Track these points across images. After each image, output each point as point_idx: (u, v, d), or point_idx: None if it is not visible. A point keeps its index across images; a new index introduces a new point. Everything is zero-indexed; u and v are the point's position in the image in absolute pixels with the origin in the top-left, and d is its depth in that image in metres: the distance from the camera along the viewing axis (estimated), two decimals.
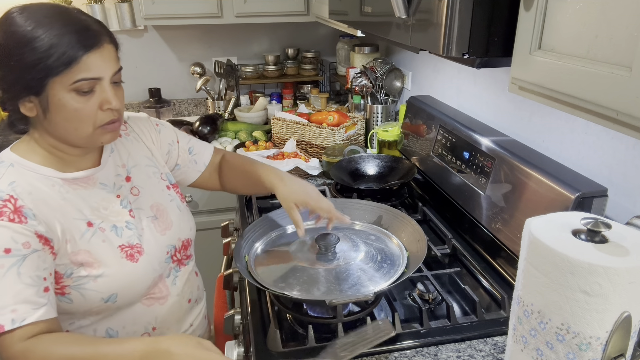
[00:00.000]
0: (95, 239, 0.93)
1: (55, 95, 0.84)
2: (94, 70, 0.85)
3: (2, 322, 0.80)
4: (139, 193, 1.04)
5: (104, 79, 0.87)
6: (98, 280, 0.92)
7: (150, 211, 1.04)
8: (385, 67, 2.10)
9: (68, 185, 0.94)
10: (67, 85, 0.83)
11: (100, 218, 0.96)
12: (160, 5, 2.17)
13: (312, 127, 1.97)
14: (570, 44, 0.70)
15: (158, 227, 1.04)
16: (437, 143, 1.54)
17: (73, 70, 0.82)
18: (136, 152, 1.08)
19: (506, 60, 0.87)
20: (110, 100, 0.88)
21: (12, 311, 0.81)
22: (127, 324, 1.00)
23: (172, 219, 1.07)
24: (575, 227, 0.67)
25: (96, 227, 0.94)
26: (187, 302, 1.11)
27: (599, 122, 0.67)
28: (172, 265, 1.07)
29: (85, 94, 0.86)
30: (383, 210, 1.23)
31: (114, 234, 0.96)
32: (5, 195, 0.85)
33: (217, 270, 1.60)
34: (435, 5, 0.90)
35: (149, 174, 1.08)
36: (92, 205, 0.95)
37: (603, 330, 0.62)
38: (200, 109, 2.71)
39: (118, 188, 1.01)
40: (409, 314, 1.09)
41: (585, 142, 1.11)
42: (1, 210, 0.83)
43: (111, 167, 1.02)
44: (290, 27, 2.67)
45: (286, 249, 1.11)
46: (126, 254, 0.96)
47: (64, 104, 0.85)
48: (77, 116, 0.87)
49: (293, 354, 0.96)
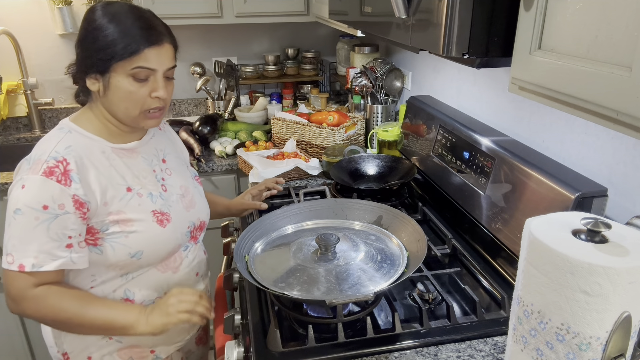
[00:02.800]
0: (132, 202, 1.07)
1: (115, 77, 1.00)
2: (151, 62, 1.00)
3: (25, 263, 0.97)
4: (172, 174, 1.20)
5: (158, 71, 1.02)
6: (130, 237, 1.06)
7: (180, 190, 1.19)
8: (385, 67, 2.10)
9: (116, 154, 1.09)
10: (127, 70, 0.99)
11: (140, 185, 1.10)
12: (160, 5, 2.17)
13: (312, 127, 1.97)
14: (570, 44, 0.70)
15: (184, 204, 1.19)
16: (437, 143, 1.54)
17: (134, 58, 0.98)
18: (170, 145, 1.26)
19: (506, 60, 0.87)
20: (159, 89, 1.03)
21: (35, 257, 0.97)
22: (143, 287, 1.13)
23: (196, 200, 1.23)
24: (575, 227, 0.67)
25: (135, 192, 1.09)
26: (195, 275, 1.24)
27: (599, 122, 0.67)
28: (188, 239, 1.20)
29: (141, 81, 1.01)
30: (383, 210, 1.23)
31: (150, 200, 1.11)
32: (60, 157, 0.99)
33: (217, 270, 1.60)
34: (435, 5, 0.90)
35: (179, 163, 1.26)
36: (134, 172, 1.10)
37: (603, 330, 0.62)
38: (200, 109, 2.71)
39: (155, 164, 1.17)
40: (409, 314, 1.09)
41: (585, 142, 1.11)
42: (53, 170, 0.97)
43: (151, 147, 1.18)
44: (290, 27, 2.67)
45: (286, 249, 1.11)
46: (157, 218, 1.10)
47: (121, 86, 1.01)
48: (130, 98, 1.02)
49: (293, 354, 0.96)
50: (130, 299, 1.12)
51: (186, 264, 1.20)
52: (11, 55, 2.35)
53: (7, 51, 2.35)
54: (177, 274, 1.17)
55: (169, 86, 1.07)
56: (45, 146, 1.02)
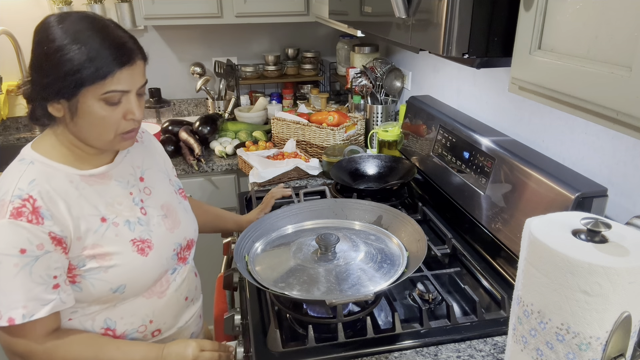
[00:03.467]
0: (108, 233, 0.98)
1: (85, 102, 0.90)
2: (124, 83, 0.91)
3: (14, 315, 0.89)
4: (151, 193, 1.10)
5: (131, 91, 0.93)
6: (109, 271, 0.97)
7: (161, 210, 1.10)
8: (385, 67, 2.10)
9: (85, 182, 0.99)
10: (98, 95, 0.89)
11: (115, 213, 1.01)
12: (160, 5, 2.17)
13: (312, 127, 1.97)
14: (570, 44, 0.70)
15: (167, 225, 1.09)
16: (437, 143, 1.54)
17: (106, 83, 0.88)
18: (149, 157, 1.15)
19: (506, 60, 0.87)
20: (134, 111, 0.94)
21: (24, 307, 0.89)
22: (126, 315, 1.03)
23: (180, 219, 1.13)
24: (575, 227, 0.67)
25: (110, 222, 1.00)
26: (184, 300, 1.14)
27: (599, 122, 0.67)
28: (175, 263, 1.11)
29: (113, 104, 0.92)
30: (383, 210, 1.23)
31: (127, 228, 1.01)
32: (25, 194, 0.90)
33: (217, 270, 1.60)
34: (435, 5, 0.90)
35: (160, 178, 1.15)
36: (107, 200, 1.01)
37: (603, 330, 0.62)
38: (200, 109, 2.71)
39: (131, 186, 1.06)
40: (409, 314, 1.09)
41: (585, 142, 1.11)
42: (20, 210, 0.89)
43: (126, 166, 1.07)
44: (290, 27, 2.67)
45: (286, 249, 1.11)
46: (137, 247, 1.01)
47: (92, 111, 0.91)
48: (102, 123, 0.93)
49: (293, 354, 0.96)
50: (112, 328, 1.03)
51: (173, 288, 1.10)
52: (11, 55, 2.35)
53: (7, 51, 2.35)
54: (163, 298, 1.08)
55: (141, 103, 0.98)
56: (8, 184, 0.92)
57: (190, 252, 1.17)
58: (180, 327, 1.14)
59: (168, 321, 1.10)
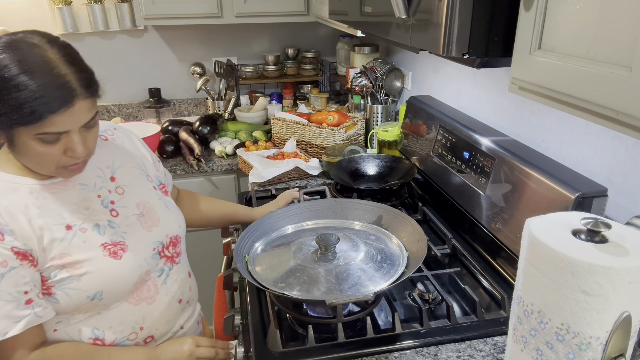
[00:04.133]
0: (75, 241, 0.95)
1: (20, 138, 0.85)
2: (60, 126, 0.84)
3: None
4: (124, 192, 1.05)
5: (71, 131, 0.87)
6: (82, 279, 0.94)
7: (137, 209, 1.05)
8: (385, 67, 2.10)
9: (46, 191, 0.94)
10: (32, 134, 0.84)
11: (81, 219, 0.96)
12: (160, 5, 2.17)
13: (312, 127, 1.97)
14: (570, 44, 0.70)
15: (144, 224, 1.05)
16: (437, 143, 1.54)
17: (38, 125, 0.82)
18: (121, 155, 1.09)
19: (506, 60, 0.87)
20: (75, 149, 0.88)
21: None
22: (114, 324, 1.01)
23: (159, 215, 1.08)
24: (575, 227, 0.67)
25: (76, 229, 0.95)
26: (177, 303, 1.10)
27: (599, 122, 0.67)
28: (161, 262, 1.07)
29: (50, 143, 0.86)
30: (383, 210, 1.23)
31: (96, 232, 0.97)
32: None
33: (217, 270, 1.60)
34: (435, 5, 0.90)
35: (135, 175, 1.10)
36: (71, 207, 0.96)
37: (603, 330, 0.62)
38: (200, 109, 2.71)
39: (99, 188, 1.02)
40: (409, 314, 1.09)
41: (585, 142, 1.11)
42: None
43: (92, 168, 1.02)
44: (290, 27, 2.67)
45: (286, 249, 1.11)
46: (109, 251, 0.97)
47: (29, 148, 0.86)
48: (40, 159, 0.88)
49: (293, 354, 0.96)
50: (100, 337, 1.00)
51: (164, 292, 1.06)
52: None
53: None
54: (153, 304, 1.04)
55: (90, 136, 0.91)
56: None
57: (178, 250, 1.12)
58: (175, 332, 1.11)
59: (161, 327, 1.07)
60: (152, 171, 1.15)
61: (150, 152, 1.19)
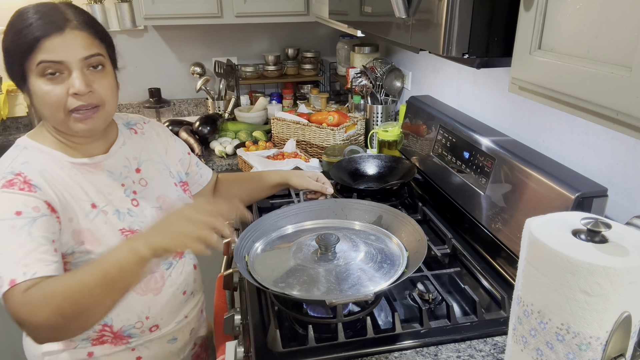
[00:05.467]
0: (98, 220, 0.98)
1: (31, 82, 0.91)
2: (54, 53, 0.88)
3: (14, 276, 0.82)
4: (147, 184, 1.09)
5: (67, 62, 0.89)
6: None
7: (157, 202, 1.09)
8: (385, 67, 2.10)
9: (76, 169, 0.99)
10: (34, 69, 0.89)
11: (105, 201, 1.00)
12: (160, 5, 2.17)
13: (312, 127, 1.97)
14: (570, 44, 0.70)
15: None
16: (437, 143, 1.54)
17: (35, 53, 0.88)
18: (149, 149, 1.14)
19: (506, 60, 0.87)
20: (74, 83, 0.90)
21: (24, 266, 0.83)
22: (121, 312, 1.03)
23: None
24: (575, 227, 0.67)
25: (100, 209, 0.99)
26: (181, 294, 1.13)
27: (599, 122, 0.67)
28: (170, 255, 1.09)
29: (54, 79, 0.90)
30: (383, 210, 1.23)
31: (116, 217, 1.01)
32: (17, 170, 0.91)
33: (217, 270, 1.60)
34: (435, 5, 0.90)
35: (159, 169, 1.14)
36: (98, 188, 1.00)
37: (603, 330, 0.62)
38: (200, 109, 2.71)
39: (124, 177, 1.06)
40: (409, 314, 1.09)
41: (585, 142, 1.11)
42: (12, 182, 0.89)
43: (120, 157, 1.07)
44: (290, 27, 2.67)
45: (286, 249, 1.11)
46: (126, 237, 1.00)
47: (37, 89, 0.91)
48: (48, 101, 0.91)
49: (293, 354, 0.96)
50: (109, 324, 1.03)
51: (169, 284, 1.09)
52: None
53: None
54: (158, 295, 1.07)
55: (97, 80, 0.93)
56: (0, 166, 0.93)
57: None
58: (179, 322, 1.14)
59: (165, 317, 1.10)
60: (174, 167, 1.20)
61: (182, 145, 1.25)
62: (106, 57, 0.97)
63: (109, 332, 1.03)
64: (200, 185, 1.32)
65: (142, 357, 1.10)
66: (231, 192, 1.40)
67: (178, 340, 1.16)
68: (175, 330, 1.13)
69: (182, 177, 1.21)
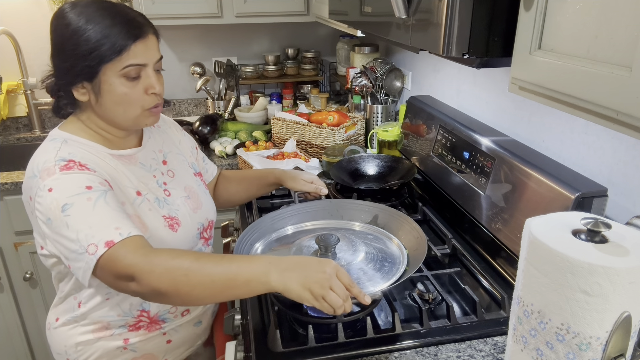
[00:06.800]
0: (143, 206, 1.03)
1: (106, 80, 0.94)
2: (140, 57, 0.95)
3: (111, 237, 0.86)
4: (174, 175, 1.15)
5: (148, 65, 0.97)
6: None
7: (184, 192, 1.15)
8: (385, 67, 2.10)
9: (117, 160, 1.04)
10: (118, 71, 0.94)
11: (146, 189, 1.06)
12: (160, 5, 2.17)
13: (312, 127, 1.97)
14: (570, 44, 0.70)
15: (191, 206, 1.14)
16: (437, 143, 1.54)
17: (123, 57, 0.93)
18: (169, 142, 1.21)
19: (506, 60, 0.87)
20: (154, 85, 0.99)
21: (116, 228, 0.87)
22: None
23: (202, 200, 1.19)
24: (575, 227, 0.67)
25: (144, 196, 1.05)
26: None
27: (599, 122, 0.67)
28: (200, 242, 1.16)
29: (133, 80, 0.96)
30: (379, 210, 1.23)
31: (157, 205, 1.07)
32: (67, 158, 0.94)
33: None
34: (435, 5, 0.90)
35: (180, 161, 1.20)
36: (137, 178, 1.06)
37: (603, 330, 0.62)
38: (200, 109, 2.71)
39: (154, 169, 1.11)
40: (409, 314, 1.09)
41: (585, 142, 1.11)
42: (69, 166, 0.92)
43: (149, 150, 1.13)
44: (290, 27, 2.67)
45: (286, 250, 1.11)
46: (168, 223, 1.06)
47: (115, 89, 0.95)
48: (126, 99, 0.97)
49: (293, 354, 0.96)
50: (146, 309, 1.08)
51: None
52: (11, 55, 2.35)
53: (7, 51, 2.34)
54: None
55: (160, 79, 1.02)
56: (45, 156, 0.94)
57: (211, 233, 1.22)
58: (205, 307, 1.21)
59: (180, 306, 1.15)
60: (191, 158, 1.25)
61: (190, 139, 1.30)
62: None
63: (146, 317, 1.09)
64: (206, 180, 1.34)
65: (172, 340, 1.16)
66: (230, 189, 1.43)
67: (202, 323, 1.24)
68: (201, 313, 1.20)
69: (196, 168, 1.25)
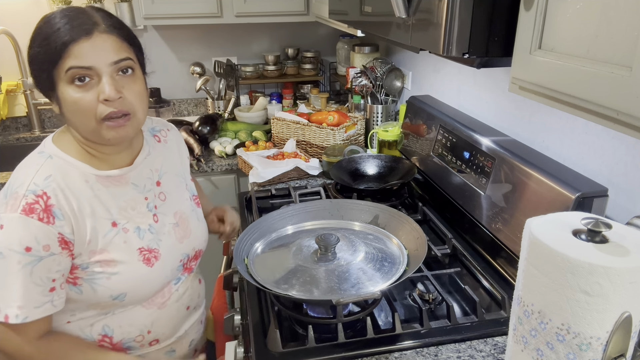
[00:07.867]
0: (117, 239, 0.96)
1: (60, 89, 0.87)
2: (83, 58, 0.85)
3: (9, 313, 0.87)
4: (166, 199, 1.07)
5: (98, 68, 0.86)
6: (112, 278, 0.95)
7: (173, 218, 1.07)
8: (385, 67, 2.10)
9: (101, 183, 0.96)
10: (63, 76, 0.86)
11: (126, 218, 0.98)
12: (160, 5, 2.17)
13: (312, 127, 1.97)
14: (571, 44, 0.70)
15: (178, 235, 1.07)
16: (437, 143, 1.54)
17: (64, 59, 0.85)
18: (170, 160, 1.12)
19: (506, 60, 0.87)
20: (104, 89, 0.86)
21: (19, 307, 0.87)
22: (124, 324, 1.01)
23: (192, 228, 1.11)
24: (575, 227, 0.67)
25: (120, 227, 0.97)
26: (185, 309, 1.12)
27: (599, 122, 0.67)
28: (180, 273, 1.09)
29: (83, 85, 0.86)
30: (379, 210, 1.23)
31: (137, 235, 0.99)
32: (39, 190, 0.88)
33: (217, 270, 1.60)
34: (435, 5, 0.90)
35: (177, 183, 1.12)
36: (120, 204, 0.98)
37: (603, 330, 0.62)
38: (200, 109, 2.71)
39: (147, 190, 1.04)
40: (409, 314, 1.09)
41: (585, 142, 1.11)
42: (32, 207, 0.86)
43: (145, 169, 1.04)
44: (290, 27, 2.67)
45: (286, 249, 1.11)
46: (144, 257, 0.99)
47: (67, 97, 0.87)
48: (78, 108, 0.88)
49: (293, 354, 0.96)
50: (109, 335, 1.01)
51: (175, 299, 1.08)
52: (11, 55, 2.35)
53: (7, 51, 2.35)
54: (163, 309, 1.05)
55: (127, 85, 0.90)
56: (24, 176, 0.90)
57: (197, 262, 1.15)
58: (179, 336, 1.12)
59: (167, 331, 1.08)
60: (189, 180, 1.17)
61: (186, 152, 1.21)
62: (135, 61, 0.93)
63: (108, 343, 1.02)
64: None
65: None
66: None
67: (176, 352, 1.14)
68: (174, 343, 1.12)
69: (194, 191, 1.18)
